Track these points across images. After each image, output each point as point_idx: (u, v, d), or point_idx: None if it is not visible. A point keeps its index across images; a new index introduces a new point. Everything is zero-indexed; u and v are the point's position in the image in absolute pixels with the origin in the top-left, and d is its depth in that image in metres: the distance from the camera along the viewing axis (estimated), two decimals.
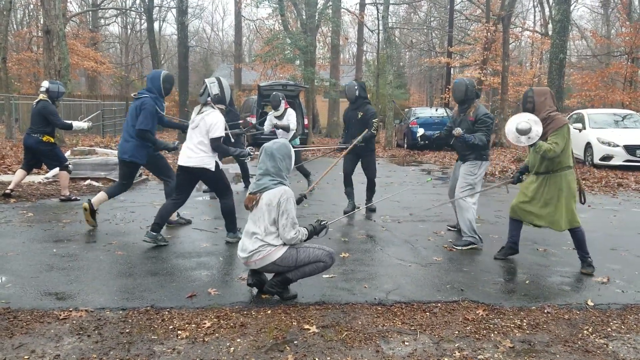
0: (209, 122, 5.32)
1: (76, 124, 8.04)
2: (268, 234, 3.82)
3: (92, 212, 6.13)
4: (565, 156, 4.84)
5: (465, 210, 5.78)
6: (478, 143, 5.65)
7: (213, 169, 5.43)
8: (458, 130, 5.70)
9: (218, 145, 5.40)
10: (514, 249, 5.25)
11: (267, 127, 9.19)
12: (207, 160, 5.39)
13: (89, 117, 9.58)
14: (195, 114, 5.48)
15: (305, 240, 3.94)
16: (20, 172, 7.95)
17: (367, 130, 7.24)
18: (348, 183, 7.67)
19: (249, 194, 3.92)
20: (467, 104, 5.87)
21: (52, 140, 7.78)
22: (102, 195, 6.20)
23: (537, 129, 4.81)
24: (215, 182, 5.62)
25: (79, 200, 7.88)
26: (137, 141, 5.93)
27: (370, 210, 7.60)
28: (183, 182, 5.58)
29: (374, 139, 7.54)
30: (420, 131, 6.80)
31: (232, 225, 5.72)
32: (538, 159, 4.92)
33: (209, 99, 5.40)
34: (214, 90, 5.42)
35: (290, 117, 8.99)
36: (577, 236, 4.93)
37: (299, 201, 4.28)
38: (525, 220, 5.09)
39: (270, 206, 3.78)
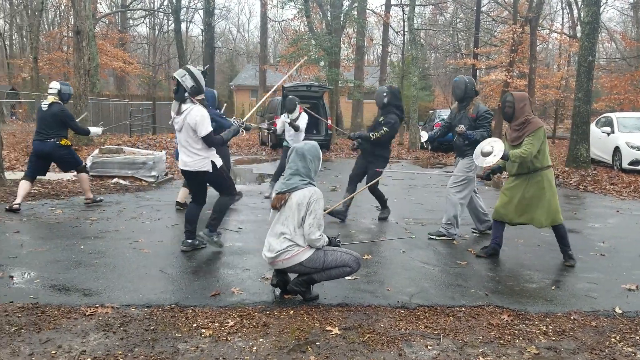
0: (193, 120, 4.91)
1: (93, 130, 7.86)
2: (297, 234, 3.82)
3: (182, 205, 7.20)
4: (544, 156, 5.09)
5: (453, 205, 6.09)
6: (479, 139, 5.86)
7: (210, 170, 5.11)
8: (461, 127, 5.97)
9: (212, 141, 5.05)
10: (496, 250, 5.39)
11: (279, 127, 9.04)
12: (201, 163, 5.07)
13: (80, 118, 9.49)
14: (175, 113, 5.03)
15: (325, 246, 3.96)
16: (25, 184, 7.18)
17: (369, 132, 6.89)
18: (350, 187, 7.12)
19: (277, 193, 3.92)
20: (467, 102, 6.14)
21: (69, 143, 7.40)
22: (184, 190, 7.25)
23: (499, 146, 5.12)
24: (219, 182, 5.31)
25: (102, 200, 7.85)
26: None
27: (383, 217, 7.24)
28: (192, 185, 5.39)
29: (382, 146, 6.94)
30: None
31: (216, 223, 5.34)
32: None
33: (186, 94, 4.95)
34: (188, 83, 4.94)
35: (302, 121, 8.77)
36: (560, 232, 5.20)
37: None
38: (506, 220, 5.26)
39: (300, 206, 3.79)
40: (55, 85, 7.34)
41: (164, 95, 38.01)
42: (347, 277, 4.35)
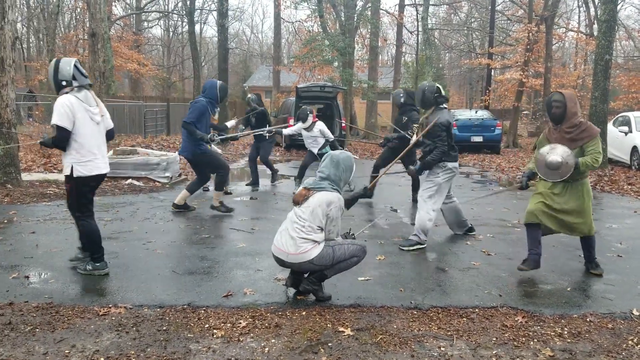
0: (104, 109, 4.51)
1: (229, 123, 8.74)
2: (309, 230, 3.85)
3: (178, 208, 7.19)
4: None
5: (424, 212, 5.69)
6: (431, 160, 5.63)
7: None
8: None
9: (114, 133, 4.74)
10: (537, 262, 4.74)
11: (292, 130, 9.67)
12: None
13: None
14: (89, 105, 4.33)
15: None
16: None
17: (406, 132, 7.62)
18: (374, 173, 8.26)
19: (303, 187, 3.98)
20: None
21: None
22: (184, 192, 7.25)
23: (562, 151, 4.55)
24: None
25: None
26: (187, 137, 6.96)
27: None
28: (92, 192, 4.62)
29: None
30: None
31: (97, 250, 4.55)
32: None
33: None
34: None
35: (323, 128, 9.14)
36: (591, 243, 4.86)
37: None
38: (545, 222, 4.72)
39: (320, 206, 3.83)
40: None
41: (178, 96, 38.26)
42: (359, 278, 4.36)
